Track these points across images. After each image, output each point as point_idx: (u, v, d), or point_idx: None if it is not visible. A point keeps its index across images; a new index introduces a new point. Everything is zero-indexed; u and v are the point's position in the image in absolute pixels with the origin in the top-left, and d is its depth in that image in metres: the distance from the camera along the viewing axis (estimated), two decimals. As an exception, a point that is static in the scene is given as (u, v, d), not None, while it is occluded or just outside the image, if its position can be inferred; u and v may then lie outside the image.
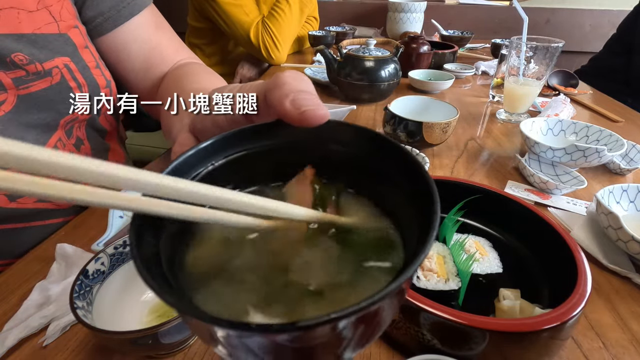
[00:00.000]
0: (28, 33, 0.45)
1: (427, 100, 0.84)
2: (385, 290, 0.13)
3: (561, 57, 0.89)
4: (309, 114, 0.20)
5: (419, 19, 1.71)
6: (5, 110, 0.45)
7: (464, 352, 0.32)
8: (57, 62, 0.48)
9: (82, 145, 0.56)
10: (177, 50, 0.61)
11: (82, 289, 0.32)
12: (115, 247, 0.36)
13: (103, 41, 0.56)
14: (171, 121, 0.36)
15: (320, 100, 0.22)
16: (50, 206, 0.53)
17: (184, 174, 0.20)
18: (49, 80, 0.48)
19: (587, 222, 0.52)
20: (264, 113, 0.23)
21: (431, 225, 0.16)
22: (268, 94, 0.22)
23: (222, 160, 0.22)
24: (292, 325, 0.12)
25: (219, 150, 0.22)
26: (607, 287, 0.44)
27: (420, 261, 0.15)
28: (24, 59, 0.45)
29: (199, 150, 0.21)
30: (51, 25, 0.48)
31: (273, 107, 0.21)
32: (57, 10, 0.49)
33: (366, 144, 0.22)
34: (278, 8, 1.33)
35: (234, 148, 0.22)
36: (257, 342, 0.15)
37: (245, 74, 1.48)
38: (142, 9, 0.57)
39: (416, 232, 0.19)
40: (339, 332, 0.15)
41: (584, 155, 0.63)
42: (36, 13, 0.46)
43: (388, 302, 0.16)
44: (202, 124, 0.27)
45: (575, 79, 1.17)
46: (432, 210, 0.17)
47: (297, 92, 0.21)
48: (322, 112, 0.20)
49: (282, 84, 0.21)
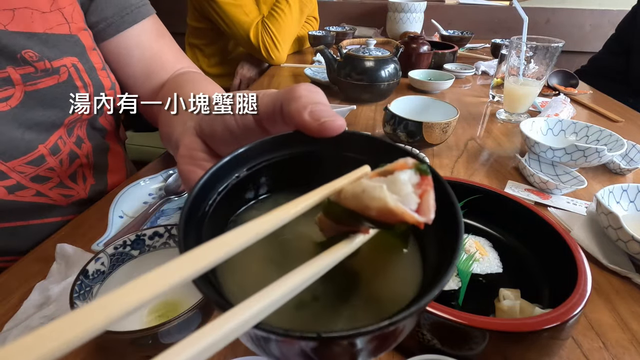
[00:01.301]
0: (40, 32, 0.47)
1: (427, 100, 0.84)
2: (408, 312, 0.15)
3: (561, 57, 0.89)
4: (328, 125, 0.21)
5: (419, 19, 1.71)
6: (11, 105, 0.46)
7: (464, 352, 0.32)
8: (66, 61, 0.49)
9: (83, 143, 0.56)
10: (177, 59, 0.62)
11: (82, 289, 0.32)
12: (115, 247, 0.36)
13: (105, 46, 0.57)
14: (172, 125, 0.36)
15: None
16: (49, 201, 0.54)
17: (211, 189, 0.21)
18: (56, 78, 0.49)
19: (587, 222, 0.52)
20: (280, 123, 0.24)
21: (455, 251, 0.17)
22: (285, 106, 0.23)
23: (246, 172, 0.23)
24: (318, 336, 0.14)
25: (242, 162, 0.22)
26: (607, 287, 0.44)
27: (443, 285, 0.16)
28: (34, 55, 0.46)
29: (223, 164, 0.21)
30: (63, 26, 0.49)
31: (291, 119, 0.22)
32: (70, 12, 0.50)
33: (382, 153, 0.23)
34: (278, 8, 1.33)
35: (256, 159, 0.23)
36: (291, 348, 0.16)
37: (245, 74, 1.48)
38: (145, 17, 0.59)
39: (436, 246, 0.20)
40: (359, 345, 0.16)
41: (584, 155, 0.63)
42: (49, 14, 0.48)
43: (410, 320, 0.17)
44: (210, 127, 0.27)
45: (575, 79, 1.17)
46: (456, 232, 0.18)
47: (314, 104, 0.22)
48: (340, 122, 0.22)
49: (299, 97, 0.22)
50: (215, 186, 0.21)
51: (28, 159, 0.49)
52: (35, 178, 0.50)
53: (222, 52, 1.58)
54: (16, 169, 0.48)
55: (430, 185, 0.18)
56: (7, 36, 0.44)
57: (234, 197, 0.23)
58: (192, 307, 0.30)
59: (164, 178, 0.58)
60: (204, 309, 0.31)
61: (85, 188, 0.59)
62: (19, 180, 0.49)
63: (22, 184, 0.49)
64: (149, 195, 0.56)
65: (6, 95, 0.45)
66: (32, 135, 0.49)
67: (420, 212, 0.17)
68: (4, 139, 0.46)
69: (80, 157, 0.56)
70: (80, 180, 0.58)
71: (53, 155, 0.51)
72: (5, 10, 0.44)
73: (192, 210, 0.19)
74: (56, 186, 0.54)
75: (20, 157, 0.48)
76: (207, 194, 0.21)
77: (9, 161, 0.47)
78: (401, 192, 0.17)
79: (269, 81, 1.25)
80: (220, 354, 0.35)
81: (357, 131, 0.24)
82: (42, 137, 0.50)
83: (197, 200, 0.20)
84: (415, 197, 0.18)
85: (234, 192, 0.22)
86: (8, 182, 0.48)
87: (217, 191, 0.21)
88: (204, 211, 0.21)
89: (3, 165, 0.47)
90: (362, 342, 0.16)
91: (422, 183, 0.18)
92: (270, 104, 0.24)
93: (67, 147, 0.53)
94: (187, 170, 0.27)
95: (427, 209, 0.17)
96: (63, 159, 0.53)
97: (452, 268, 0.17)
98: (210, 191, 0.21)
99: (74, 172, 0.56)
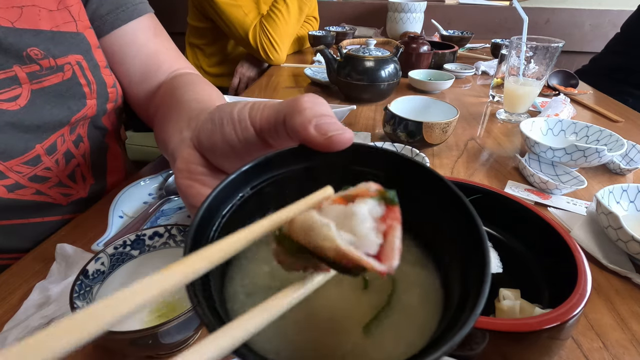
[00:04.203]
0: (46, 30, 0.47)
1: (427, 100, 0.84)
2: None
3: (561, 57, 0.89)
4: (336, 139, 0.20)
5: (419, 19, 1.71)
6: (20, 105, 0.46)
7: (464, 352, 0.32)
8: (70, 59, 0.50)
9: (81, 143, 0.56)
10: (174, 59, 0.61)
11: (82, 289, 0.32)
12: (115, 247, 0.36)
13: (101, 43, 0.56)
14: (167, 131, 0.35)
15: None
16: (49, 200, 0.54)
17: (216, 211, 0.20)
18: (61, 76, 0.49)
19: (587, 222, 0.52)
20: (284, 137, 0.23)
21: (482, 290, 0.15)
22: (289, 120, 0.22)
23: (250, 190, 0.21)
24: None
25: (246, 181, 0.21)
26: (607, 287, 0.44)
27: (468, 330, 0.14)
28: (39, 53, 0.46)
29: (226, 184, 0.20)
30: (70, 24, 0.50)
31: (296, 133, 0.21)
32: (77, 10, 0.51)
33: (392, 165, 0.22)
34: (275, 9, 1.32)
35: (260, 177, 0.22)
36: None
37: (245, 72, 1.48)
38: (141, 15, 0.58)
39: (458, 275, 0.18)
40: None
41: (584, 155, 0.63)
42: (56, 12, 0.48)
43: None
44: (210, 140, 0.26)
45: (575, 79, 1.17)
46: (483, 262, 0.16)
47: (319, 117, 0.21)
48: (348, 135, 0.21)
49: (303, 110, 0.21)
50: (220, 208, 0.20)
51: (25, 159, 0.49)
52: (33, 178, 0.50)
53: (222, 51, 1.57)
54: (14, 169, 0.48)
55: (397, 219, 0.15)
56: (14, 33, 0.44)
57: (239, 220, 0.21)
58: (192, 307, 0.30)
59: (164, 178, 0.58)
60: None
61: (85, 187, 0.59)
62: (18, 179, 0.49)
63: (20, 183, 0.49)
64: (149, 195, 0.56)
65: (14, 94, 0.46)
66: (33, 135, 0.49)
67: (382, 258, 0.14)
68: (7, 139, 0.46)
69: (77, 157, 0.56)
70: (80, 180, 0.58)
71: (48, 155, 0.51)
72: (13, 8, 0.45)
73: (197, 238, 0.18)
74: (55, 185, 0.54)
75: (17, 157, 0.48)
76: (212, 217, 0.19)
77: (6, 161, 0.47)
78: (358, 231, 0.14)
79: (267, 81, 1.25)
80: (220, 354, 0.35)
81: (365, 143, 0.22)
82: (44, 136, 0.50)
83: (201, 227, 0.18)
84: (375, 237, 0.14)
85: (239, 215, 0.21)
86: (7, 182, 0.48)
87: (221, 214, 0.20)
88: (209, 237, 0.19)
89: (1, 165, 0.47)
90: None
91: (387, 216, 0.15)
92: (272, 117, 0.23)
93: (64, 147, 0.53)
94: (185, 185, 0.27)
95: (390, 252, 0.14)
96: (59, 158, 0.53)
97: (476, 314, 0.14)
98: (215, 214, 0.20)
99: (72, 171, 0.56)
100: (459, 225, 0.19)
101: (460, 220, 0.19)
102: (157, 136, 0.46)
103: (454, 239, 0.19)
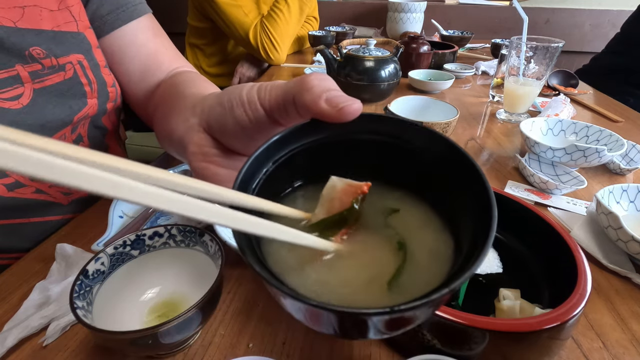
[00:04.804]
0: (47, 29, 0.47)
1: (427, 100, 0.84)
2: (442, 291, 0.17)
3: (561, 57, 0.89)
4: (346, 110, 0.22)
5: (419, 19, 1.71)
6: (23, 104, 0.47)
7: (464, 352, 0.32)
8: (72, 58, 0.50)
9: (81, 142, 0.56)
10: (173, 58, 0.62)
11: (82, 289, 0.32)
12: (115, 247, 0.36)
13: (100, 43, 0.57)
14: (172, 125, 0.36)
15: None
16: (49, 198, 0.54)
17: (247, 187, 0.22)
18: (62, 75, 0.49)
19: (587, 222, 0.52)
20: (293, 115, 0.25)
21: (488, 238, 0.19)
22: (298, 98, 0.23)
23: (272, 166, 0.24)
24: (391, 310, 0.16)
25: (268, 157, 0.23)
26: (607, 287, 0.44)
27: (473, 273, 0.18)
28: (41, 52, 0.47)
29: (252, 162, 0.22)
30: (71, 24, 0.50)
31: (307, 110, 0.23)
32: (77, 10, 0.51)
33: (398, 131, 0.24)
34: (276, 8, 1.32)
35: (279, 152, 0.24)
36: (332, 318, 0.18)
37: (245, 72, 1.48)
38: (141, 16, 0.59)
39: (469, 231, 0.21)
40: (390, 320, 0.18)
41: (584, 155, 0.63)
42: (57, 12, 0.49)
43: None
44: (220, 123, 0.27)
45: (575, 79, 1.17)
46: (489, 217, 0.20)
47: (328, 92, 0.22)
48: (357, 105, 0.22)
49: (311, 87, 0.23)
50: (251, 182, 0.22)
51: None
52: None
53: (222, 51, 1.57)
54: None
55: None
56: (17, 33, 0.45)
57: (269, 192, 0.23)
58: (192, 307, 0.30)
59: (164, 178, 0.58)
60: (203, 309, 0.31)
61: None
62: (18, 178, 0.49)
63: (20, 181, 0.49)
64: (149, 195, 0.56)
65: (17, 93, 0.46)
66: (44, 134, 0.49)
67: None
68: None
69: None
70: None
71: None
72: (15, 8, 0.45)
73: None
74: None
75: None
76: (246, 188, 0.22)
77: None
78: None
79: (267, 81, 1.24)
80: (220, 354, 0.35)
81: (373, 113, 0.24)
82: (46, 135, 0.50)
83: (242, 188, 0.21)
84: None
85: (267, 187, 0.23)
86: (7, 180, 0.48)
87: (252, 186, 0.22)
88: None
89: None
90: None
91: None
92: (280, 97, 0.24)
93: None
94: (201, 167, 0.28)
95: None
96: None
97: (480, 260, 0.18)
98: (246, 189, 0.22)
99: None
100: (466, 179, 0.22)
101: (466, 174, 0.22)
102: (159, 131, 0.46)
103: (463, 193, 0.23)
